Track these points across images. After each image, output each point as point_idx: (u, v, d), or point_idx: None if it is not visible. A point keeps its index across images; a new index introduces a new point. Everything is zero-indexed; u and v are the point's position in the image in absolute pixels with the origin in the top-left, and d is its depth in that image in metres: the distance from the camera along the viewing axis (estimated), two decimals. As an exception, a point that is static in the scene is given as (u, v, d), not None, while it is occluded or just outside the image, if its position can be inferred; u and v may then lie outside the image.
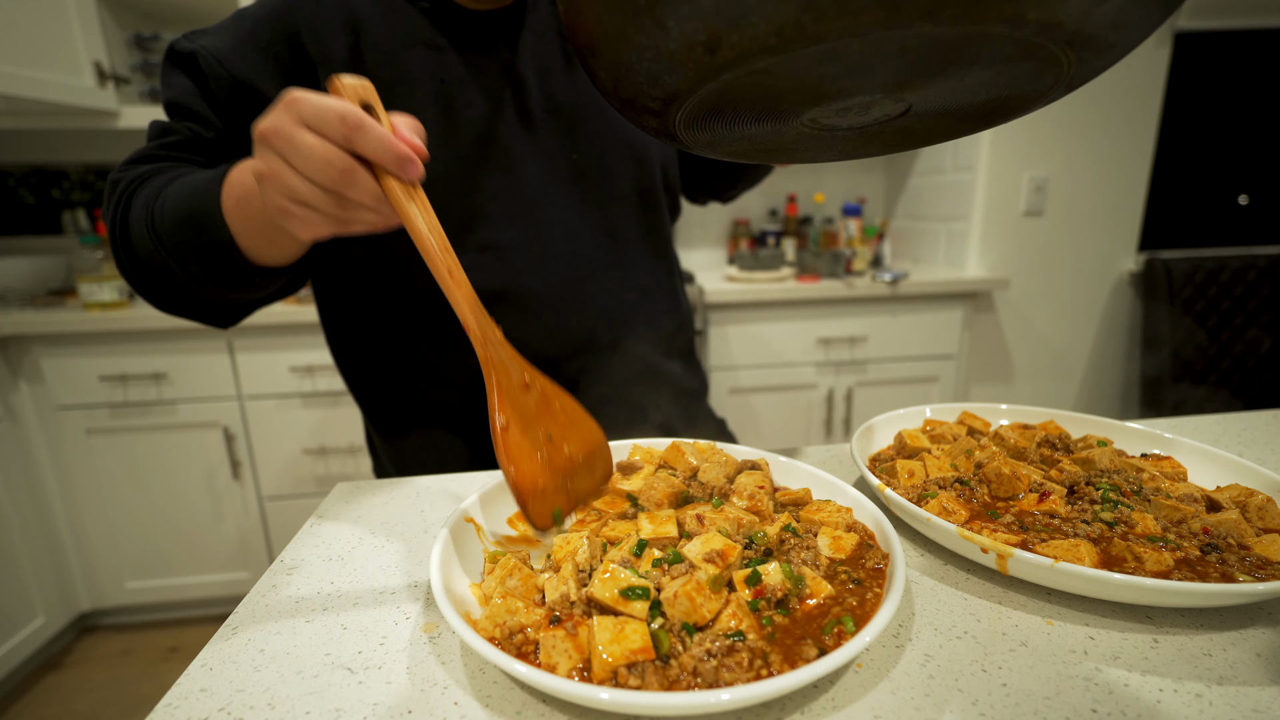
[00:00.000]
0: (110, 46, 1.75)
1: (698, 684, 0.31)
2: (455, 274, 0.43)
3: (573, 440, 0.49)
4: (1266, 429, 0.71)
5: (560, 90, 0.70)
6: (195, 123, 0.62)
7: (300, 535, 0.52)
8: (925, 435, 0.60)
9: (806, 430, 2.01)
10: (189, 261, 0.53)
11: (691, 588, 0.34)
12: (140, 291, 0.60)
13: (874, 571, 0.40)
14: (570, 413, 0.49)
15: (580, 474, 0.49)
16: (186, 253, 0.53)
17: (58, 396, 1.63)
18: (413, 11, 0.65)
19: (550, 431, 0.47)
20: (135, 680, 1.65)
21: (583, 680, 0.31)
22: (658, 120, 0.38)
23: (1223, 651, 0.36)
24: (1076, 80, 0.34)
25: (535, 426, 0.47)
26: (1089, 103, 2.04)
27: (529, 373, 0.48)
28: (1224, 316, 2.11)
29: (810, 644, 0.33)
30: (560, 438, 0.48)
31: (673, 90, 0.33)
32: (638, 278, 0.77)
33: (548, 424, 0.47)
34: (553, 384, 0.49)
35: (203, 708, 0.34)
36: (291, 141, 0.38)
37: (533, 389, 0.47)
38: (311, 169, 0.39)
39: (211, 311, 0.63)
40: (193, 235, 0.52)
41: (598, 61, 0.34)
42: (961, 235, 2.15)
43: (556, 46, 0.70)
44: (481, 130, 0.66)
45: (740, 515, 0.43)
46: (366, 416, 0.81)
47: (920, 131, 0.41)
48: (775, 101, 0.35)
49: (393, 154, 0.39)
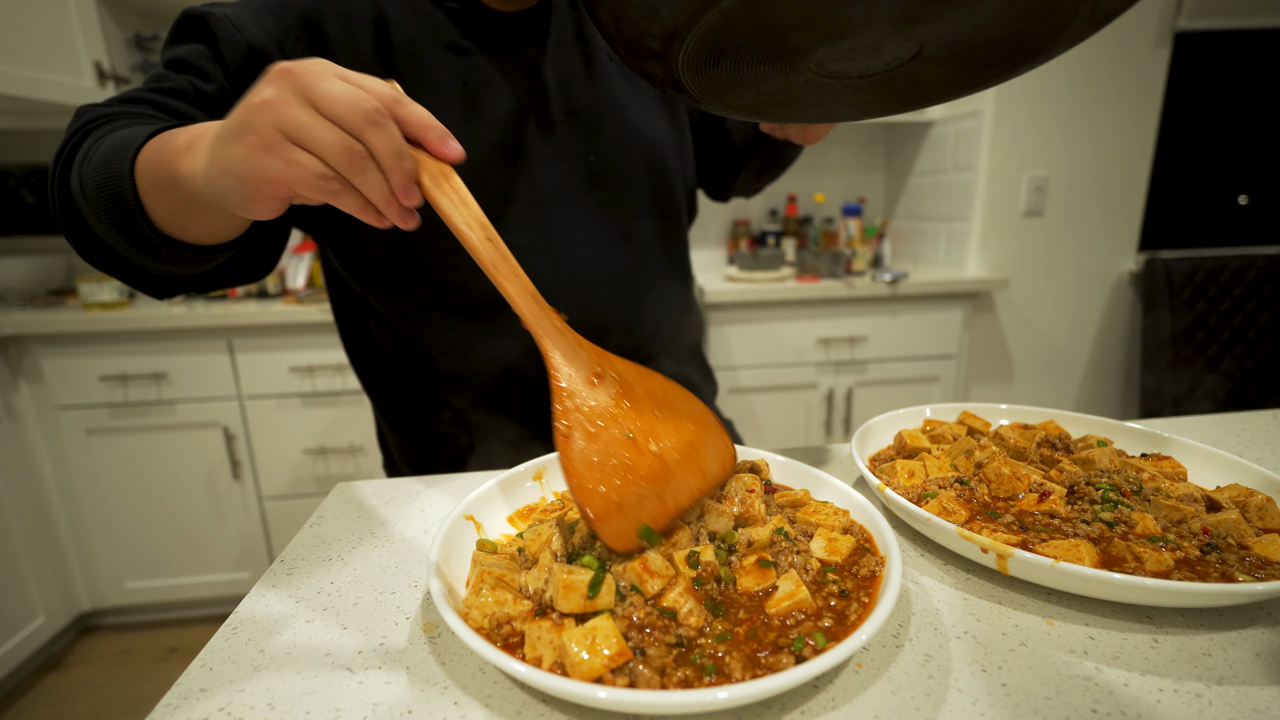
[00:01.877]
0: (110, 46, 1.75)
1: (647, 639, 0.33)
2: (504, 264, 0.40)
3: (664, 435, 0.40)
4: (1266, 429, 0.71)
5: (580, 94, 0.70)
6: (196, 76, 0.58)
7: (300, 535, 0.52)
8: (925, 435, 0.60)
9: (806, 430, 2.01)
10: (100, 215, 0.47)
11: (638, 563, 0.36)
12: (70, 241, 0.54)
13: (865, 580, 0.40)
14: (660, 400, 0.41)
15: (680, 475, 0.41)
16: (98, 205, 0.47)
17: (58, 396, 1.63)
18: (439, 13, 0.65)
19: (631, 429, 0.40)
20: (135, 680, 1.65)
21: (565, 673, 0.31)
22: (661, 65, 0.37)
23: (1223, 651, 0.36)
24: (1099, 10, 0.31)
25: (609, 427, 0.40)
26: (1089, 103, 2.04)
27: (601, 362, 0.41)
28: (1224, 316, 2.11)
29: (785, 653, 0.33)
30: (645, 435, 0.40)
31: (672, 25, 0.33)
32: (653, 281, 0.77)
33: (627, 421, 0.40)
34: (636, 368, 0.42)
35: (203, 708, 0.34)
36: (321, 75, 0.35)
37: (604, 381, 0.41)
38: (337, 102, 0.34)
39: (139, 277, 0.57)
40: (104, 184, 0.46)
41: (600, 3, 0.34)
42: (961, 235, 2.15)
43: (577, 51, 0.71)
44: (503, 132, 0.67)
45: (708, 504, 0.44)
46: (378, 411, 0.81)
47: (935, 82, 0.38)
48: (779, 38, 0.34)
49: (436, 125, 0.36)
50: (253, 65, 0.58)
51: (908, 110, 0.42)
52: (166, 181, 0.43)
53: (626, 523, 0.39)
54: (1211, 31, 2.10)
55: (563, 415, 0.39)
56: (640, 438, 0.40)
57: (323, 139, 0.34)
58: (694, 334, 0.86)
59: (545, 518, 0.47)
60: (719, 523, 0.43)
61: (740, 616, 0.37)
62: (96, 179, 0.46)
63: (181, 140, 0.43)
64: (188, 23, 0.59)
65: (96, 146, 0.48)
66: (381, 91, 0.36)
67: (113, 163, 0.46)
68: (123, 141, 0.46)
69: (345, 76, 0.36)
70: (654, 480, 0.40)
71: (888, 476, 0.53)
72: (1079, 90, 2.02)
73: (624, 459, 0.39)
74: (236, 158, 0.36)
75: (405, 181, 0.36)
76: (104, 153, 0.47)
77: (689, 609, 0.36)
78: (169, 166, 0.43)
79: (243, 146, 0.36)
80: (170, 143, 0.44)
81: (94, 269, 0.55)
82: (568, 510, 0.47)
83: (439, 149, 0.37)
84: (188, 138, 0.43)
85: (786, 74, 0.38)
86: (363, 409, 1.76)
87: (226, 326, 1.65)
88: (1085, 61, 2.00)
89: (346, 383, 1.73)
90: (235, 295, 1.83)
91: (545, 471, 0.54)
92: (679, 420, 0.41)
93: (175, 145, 0.43)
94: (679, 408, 0.41)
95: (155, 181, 0.44)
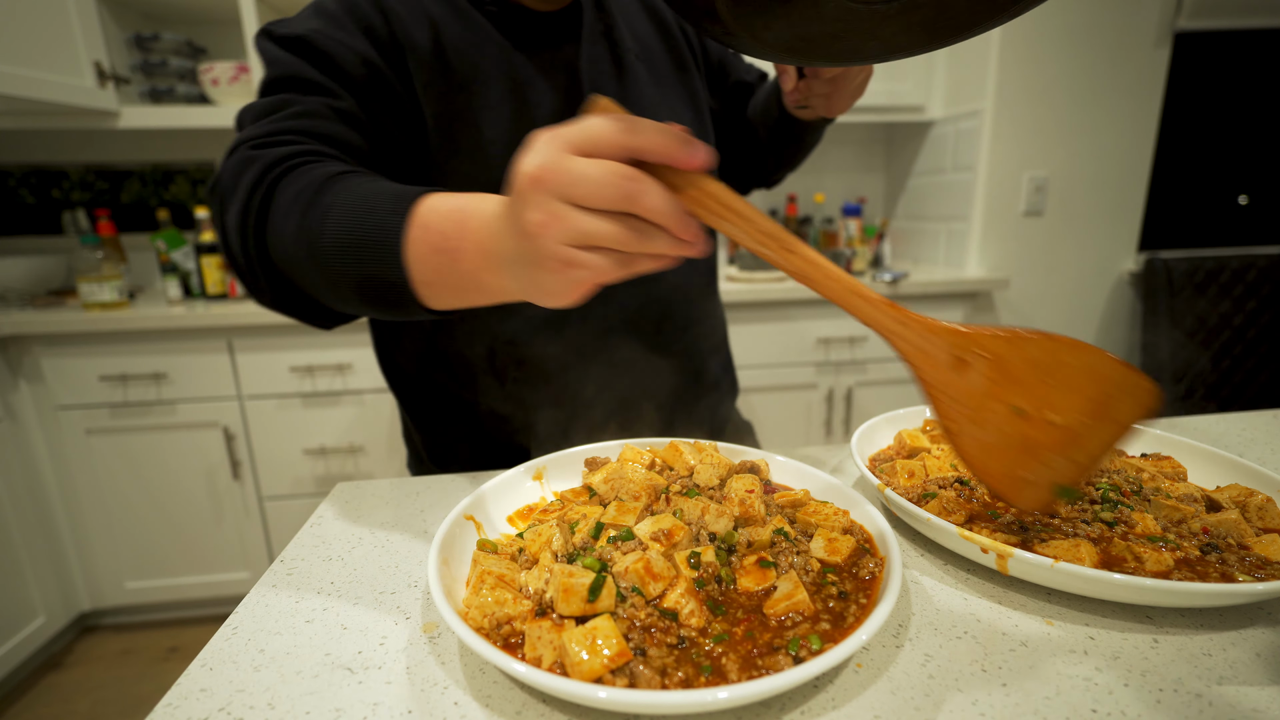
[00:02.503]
0: (110, 46, 1.75)
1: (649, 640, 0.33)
2: (814, 270, 0.37)
3: (1059, 400, 0.37)
4: (1266, 429, 0.71)
5: (612, 93, 0.71)
6: (325, 96, 0.57)
7: (300, 535, 0.52)
8: (925, 435, 0.60)
9: (806, 430, 2.01)
10: (343, 286, 0.47)
11: (641, 565, 0.36)
12: (250, 285, 0.53)
13: (865, 581, 0.40)
14: (1046, 365, 0.37)
15: (1087, 435, 0.38)
16: (343, 280, 0.46)
17: (58, 396, 1.63)
18: (479, 15, 0.66)
19: (1019, 404, 0.37)
20: (135, 680, 1.65)
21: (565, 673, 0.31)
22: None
23: (1223, 651, 0.36)
24: None
25: (991, 407, 0.37)
26: (1089, 103, 2.04)
27: (959, 343, 0.37)
28: (1224, 317, 2.11)
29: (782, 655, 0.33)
30: (1039, 406, 0.37)
31: None
32: (687, 275, 0.77)
33: (1012, 396, 0.37)
34: (1004, 337, 0.37)
35: (203, 708, 0.34)
36: (568, 171, 0.34)
37: (973, 363, 0.37)
38: (598, 193, 0.34)
39: (326, 317, 0.57)
40: (356, 267, 0.45)
41: None
42: (961, 235, 2.15)
43: (606, 51, 0.72)
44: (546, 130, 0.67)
45: (707, 504, 0.44)
46: (404, 411, 0.81)
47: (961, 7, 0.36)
48: None
49: (671, 140, 0.34)
50: (372, 75, 0.59)
51: (933, 47, 0.40)
52: (464, 285, 0.43)
53: (1039, 490, 0.38)
54: (1211, 31, 2.10)
55: (945, 413, 0.38)
56: (1034, 411, 0.37)
57: (607, 235, 0.35)
58: (721, 328, 0.87)
59: (545, 518, 0.47)
60: (719, 523, 0.43)
61: (739, 617, 0.37)
62: (343, 254, 0.45)
63: (470, 251, 0.41)
64: (283, 42, 0.59)
65: (319, 212, 0.47)
66: (615, 142, 0.34)
67: (370, 245, 0.44)
68: (372, 216, 0.44)
69: (581, 147, 0.34)
70: (1059, 448, 0.37)
71: (888, 476, 0.53)
72: (1079, 90, 2.02)
73: (1021, 434, 0.37)
74: (548, 283, 0.37)
75: (682, 223, 0.36)
76: (349, 227, 0.45)
77: (690, 609, 0.36)
78: (473, 279, 0.42)
79: (547, 273, 0.36)
80: (446, 244, 0.42)
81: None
82: (568, 510, 0.47)
83: (686, 161, 0.35)
84: (469, 245, 0.41)
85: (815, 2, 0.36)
86: (363, 409, 1.76)
87: (226, 326, 1.65)
88: (1085, 61, 2.00)
89: (346, 383, 1.73)
90: (235, 295, 1.84)
91: (545, 471, 0.54)
92: (1074, 379, 0.36)
93: (465, 255, 0.41)
94: (1071, 364, 0.37)
95: (440, 279, 0.43)
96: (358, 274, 0.45)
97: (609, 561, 0.38)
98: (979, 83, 2.02)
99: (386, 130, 0.61)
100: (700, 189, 0.36)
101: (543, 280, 0.37)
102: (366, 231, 0.44)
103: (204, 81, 1.80)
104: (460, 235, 0.41)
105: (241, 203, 0.50)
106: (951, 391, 0.38)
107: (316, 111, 0.56)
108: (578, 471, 0.55)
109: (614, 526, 0.43)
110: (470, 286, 0.43)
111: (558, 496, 0.53)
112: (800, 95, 0.72)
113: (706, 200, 0.36)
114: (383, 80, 0.60)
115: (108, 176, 2.07)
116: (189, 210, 2.10)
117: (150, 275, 2.13)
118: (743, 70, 0.89)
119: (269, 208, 0.49)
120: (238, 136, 0.54)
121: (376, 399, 1.76)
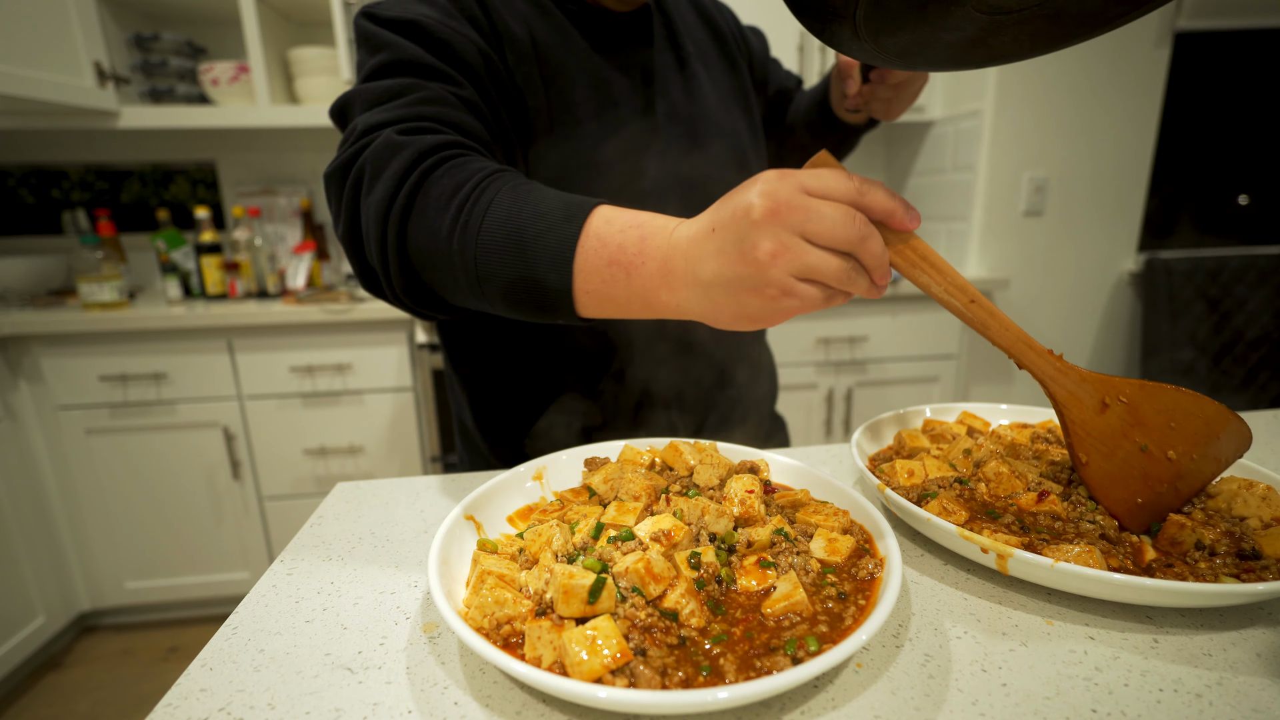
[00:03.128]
0: (110, 46, 1.75)
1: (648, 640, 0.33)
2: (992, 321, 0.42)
3: (1178, 442, 0.44)
4: (1266, 429, 0.71)
5: (678, 97, 0.72)
6: (446, 83, 0.56)
7: (300, 535, 0.52)
8: (925, 435, 0.60)
9: (806, 430, 2.01)
10: (491, 285, 0.46)
11: (641, 565, 0.36)
12: (379, 272, 0.52)
13: (865, 582, 0.40)
14: (1170, 412, 0.44)
15: (1194, 468, 0.45)
16: (494, 279, 0.46)
17: (58, 396, 1.63)
18: (559, 14, 0.66)
19: (1145, 443, 0.45)
20: (135, 680, 1.65)
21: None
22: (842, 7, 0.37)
23: (1223, 651, 0.36)
24: None
25: (1122, 445, 0.45)
26: (1089, 103, 2.04)
27: (1106, 390, 0.45)
28: (1224, 317, 2.11)
29: (780, 655, 0.33)
30: (1160, 445, 0.44)
31: None
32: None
33: (1140, 436, 0.44)
34: (1144, 388, 0.44)
35: (203, 708, 0.34)
36: (809, 210, 0.36)
37: (1113, 407, 0.44)
38: (836, 233, 0.37)
39: (445, 309, 0.56)
40: (516, 269, 0.45)
41: None
42: (961, 235, 2.15)
43: (671, 56, 0.72)
44: (627, 127, 0.68)
45: (706, 504, 0.44)
46: (470, 404, 0.78)
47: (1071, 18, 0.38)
48: None
49: (898, 206, 0.39)
50: (488, 65, 0.59)
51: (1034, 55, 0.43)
52: (631, 298, 0.44)
53: (1150, 513, 0.45)
54: (1211, 31, 2.10)
55: (1079, 447, 0.45)
56: (1155, 449, 0.44)
57: (828, 271, 0.37)
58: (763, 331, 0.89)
59: (545, 518, 0.47)
60: (719, 523, 0.43)
61: (737, 616, 0.37)
62: (504, 255, 0.45)
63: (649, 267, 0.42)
64: (397, 28, 0.57)
65: (478, 208, 0.46)
66: (849, 193, 0.38)
67: (539, 250, 0.44)
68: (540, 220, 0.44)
69: (816, 191, 0.37)
70: (1170, 480, 0.45)
71: (887, 476, 0.53)
72: (1079, 90, 2.02)
73: (1142, 469, 0.45)
74: (754, 307, 0.39)
75: (884, 273, 0.40)
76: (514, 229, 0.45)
77: (691, 610, 0.36)
78: (642, 295, 0.43)
79: (761, 299, 0.38)
80: (623, 258, 0.43)
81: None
82: (568, 510, 0.47)
83: (904, 225, 0.40)
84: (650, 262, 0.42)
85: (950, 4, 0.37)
86: (363, 409, 1.76)
87: (226, 326, 1.65)
88: (1085, 61, 2.00)
89: (346, 383, 1.73)
90: (235, 295, 1.84)
91: (545, 471, 0.54)
92: (1192, 423, 0.44)
93: (642, 271, 0.42)
94: (1190, 411, 0.44)
95: (607, 291, 0.44)
96: (515, 276, 0.45)
97: (609, 562, 0.38)
98: (979, 83, 2.02)
99: (500, 120, 0.61)
100: (908, 244, 0.41)
101: (749, 303, 0.39)
102: (536, 236, 0.44)
103: (204, 81, 1.80)
104: (640, 251, 0.42)
105: (389, 188, 0.48)
106: (1092, 429, 0.45)
107: (444, 99, 0.54)
108: (578, 471, 0.55)
109: (614, 527, 0.43)
110: (637, 300, 0.44)
111: (558, 496, 0.53)
112: (861, 99, 0.73)
113: (909, 253, 0.41)
114: (495, 70, 0.60)
115: (108, 176, 2.07)
116: (189, 210, 2.10)
117: (150, 275, 2.13)
118: (783, 76, 0.90)
119: (418, 198, 0.48)
120: (364, 118, 0.53)
121: (376, 399, 1.76)
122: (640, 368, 0.72)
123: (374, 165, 0.50)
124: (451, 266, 0.48)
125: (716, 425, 0.78)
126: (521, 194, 0.46)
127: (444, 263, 0.48)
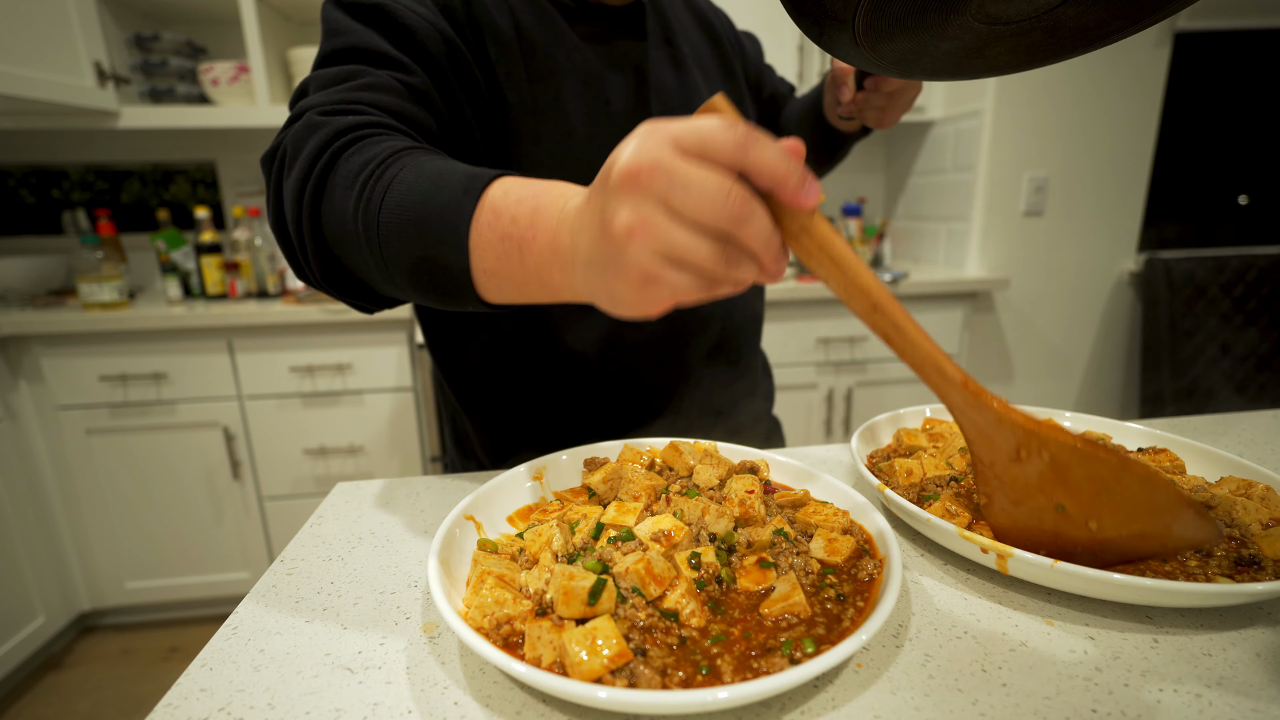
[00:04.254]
0: (110, 46, 1.75)
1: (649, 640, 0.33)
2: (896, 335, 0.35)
3: (1105, 514, 0.38)
4: (1266, 429, 0.71)
5: (672, 94, 0.71)
6: (396, 70, 0.53)
7: (300, 535, 0.52)
8: (925, 435, 0.60)
9: (806, 430, 2.01)
10: (396, 267, 0.44)
11: (642, 566, 0.36)
12: (298, 259, 0.50)
13: (864, 583, 0.40)
14: (1104, 484, 0.37)
15: (1122, 544, 0.40)
16: (398, 261, 0.43)
17: (58, 396, 1.63)
18: (551, 8, 0.65)
19: (1064, 503, 0.39)
20: (135, 680, 1.65)
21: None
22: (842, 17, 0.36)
23: (1223, 651, 0.36)
24: None
25: (1035, 497, 0.39)
26: (1089, 102, 2.04)
27: (1030, 442, 0.38)
28: (1224, 316, 2.11)
29: (777, 655, 0.33)
30: (1082, 511, 0.38)
31: None
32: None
33: (1061, 495, 0.38)
34: (1082, 452, 0.37)
35: (203, 708, 0.34)
36: (673, 175, 0.29)
37: (1032, 460, 0.38)
38: (702, 208, 0.30)
39: (372, 299, 0.54)
40: (416, 248, 0.42)
41: None
42: (961, 235, 2.15)
43: (667, 54, 0.72)
44: (620, 128, 0.67)
45: (707, 504, 0.44)
46: (463, 407, 0.77)
47: (1069, 31, 0.36)
48: None
49: (791, 173, 0.30)
50: (452, 54, 0.57)
51: (1029, 68, 0.41)
52: (527, 279, 0.39)
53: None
54: (1211, 31, 2.10)
55: (981, 484, 0.42)
56: (1075, 513, 0.39)
57: (698, 256, 0.31)
58: (759, 324, 0.88)
59: (545, 518, 0.47)
60: (719, 524, 0.43)
61: (736, 616, 0.37)
62: (402, 233, 0.42)
63: (540, 242, 0.37)
64: (358, 13, 0.55)
65: (380, 186, 0.43)
66: (731, 154, 0.30)
67: (433, 226, 0.41)
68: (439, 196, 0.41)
69: (693, 149, 0.30)
70: (1088, 546, 0.40)
71: (886, 476, 0.53)
72: (1079, 90, 2.02)
73: (1055, 527, 0.40)
74: (621, 294, 0.33)
75: (775, 257, 0.33)
76: (412, 206, 0.42)
77: (691, 610, 0.36)
78: (537, 274, 0.39)
79: (623, 283, 0.32)
80: (515, 232, 0.38)
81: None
82: (568, 510, 0.47)
83: (796, 200, 0.31)
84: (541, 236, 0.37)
85: (949, 13, 0.36)
86: (363, 409, 1.76)
87: (226, 326, 1.65)
88: (1085, 61, 2.00)
89: (346, 383, 1.73)
90: (235, 295, 1.83)
91: (545, 471, 0.54)
92: (1130, 504, 0.38)
93: (533, 247, 0.38)
94: (1133, 493, 0.38)
95: (503, 270, 0.40)
96: (415, 255, 0.42)
97: (609, 562, 0.38)
98: (979, 82, 2.02)
99: (459, 112, 0.58)
100: (802, 226, 0.32)
101: (617, 289, 0.33)
102: (431, 211, 0.41)
103: (204, 81, 1.80)
104: (531, 224, 0.37)
105: (302, 169, 0.47)
106: (1001, 474, 0.39)
107: (388, 85, 0.52)
108: (578, 471, 0.55)
109: (614, 527, 0.43)
110: (533, 282, 0.39)
111: (557, 496, 0.53)
112: (855, 107, 0.73)
113: (805, 240, 0.33)
114: (462, 61, 0.58)
115: (108, 176, 2.07)
116: (189, 210, 2.10)
117: (150, 275, 2.13)
118: (776, 82, 0.90)
119: (329, 177, 0.46)
120: (301, 103, 0.52)
121: (376, 399, 1.76)
122: (633, 369, 0.72)
123: (293, 147, 0.48)
124: (360, 249, 0.45)
125: (715, 427, 0.78)
126: (425, 169, 0.43)
127: (354, 245, 0.45)
